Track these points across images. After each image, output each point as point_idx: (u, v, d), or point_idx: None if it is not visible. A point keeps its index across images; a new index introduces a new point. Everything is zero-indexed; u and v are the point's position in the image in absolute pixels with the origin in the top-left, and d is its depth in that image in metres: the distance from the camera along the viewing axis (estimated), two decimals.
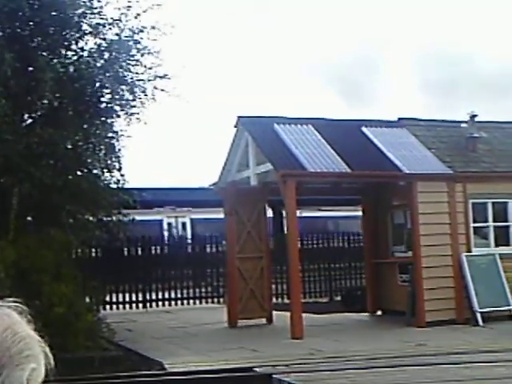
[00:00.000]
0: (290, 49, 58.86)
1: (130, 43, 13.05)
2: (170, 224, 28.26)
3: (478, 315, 13.28)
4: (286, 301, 16.37)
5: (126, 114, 13.57)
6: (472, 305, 13.36)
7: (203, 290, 20.24)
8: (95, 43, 13.10)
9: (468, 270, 13.52)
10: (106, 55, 12.93)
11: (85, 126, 13.02)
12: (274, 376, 8.83)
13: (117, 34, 13.03)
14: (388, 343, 11.40)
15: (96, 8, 12.84)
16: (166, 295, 19.39)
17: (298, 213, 13.54)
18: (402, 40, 54.65)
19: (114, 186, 13.89)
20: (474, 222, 14.10)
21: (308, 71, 60.41)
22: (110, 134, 14.02)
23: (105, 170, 13.80)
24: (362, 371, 8.95)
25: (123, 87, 13.16)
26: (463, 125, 15.25)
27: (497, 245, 14.33)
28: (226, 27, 56.48)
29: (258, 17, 57.96)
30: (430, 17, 54.85)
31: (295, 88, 60.52)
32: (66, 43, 12.95)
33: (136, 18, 13.02)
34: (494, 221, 14.38)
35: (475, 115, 15.05)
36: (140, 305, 18.93)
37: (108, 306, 17.87)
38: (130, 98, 13.29)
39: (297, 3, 56.74)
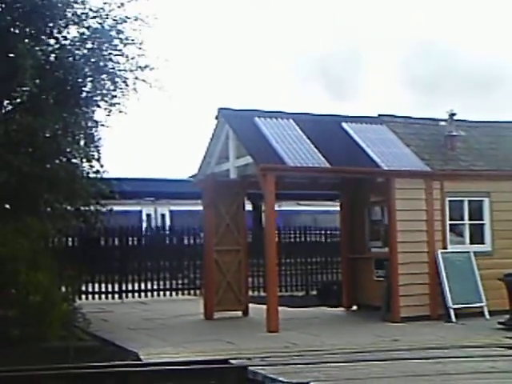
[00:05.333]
0: (274, 41, 58.86)
1: (113, 33, 12.98)
2: (149, 215, 28.26)
3: (452, 311, 13.47)
4: (263, 294, 16.44)
5: (107, 104, 13.52)
6: (446, 301, 13.53)
7: (180, 281, 20.26)
8: (78, 32, 13.02)
9: (443, 267, 13.69)
10: (89, 44, 12.86)
11: (65, 115, 12.91)
12: (250, 368, 8.89)
13: (100, 24, 12.97)
14: (363, 338, 11.51)
15: None
16: (143, 286, 19.39)
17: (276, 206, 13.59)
18: (387, 35, 54.80)
19: (93, 175, 13.83)
20: (451, 219, 14.26)
21: (292, 64, 60.45)
22: (90, 124, 13.95)
23: (84, 160, 13.72)
24: (336, 365, 9.03)
25: (104, 77, 13.10)
26: (442, 123, 15.39)
27: (472, 242, 14.51)
28: (208, 19, 56.32)
29: (242, 8, 57.91)
30: (415, 12, 55.11)
31: (278, 80, 60.58)
32: (47, 31, 12.84)
33: (119, 7, 12.98)
34: (470, 219, 14.55)
35: (454, 114, 15.19)
36: (116, 295, 18.90)
37: (84, 296, 17.84)
38: (111, 88, 13.24)
39: None
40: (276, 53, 57.38)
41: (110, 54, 13.09)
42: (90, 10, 12.94)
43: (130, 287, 19.16)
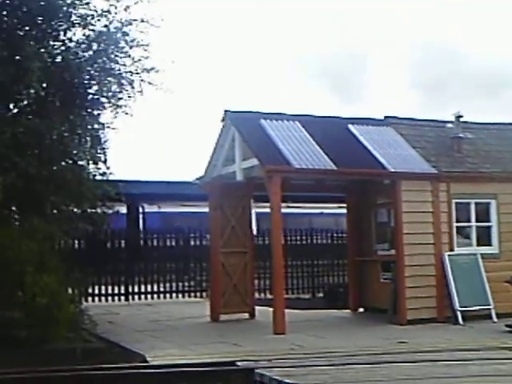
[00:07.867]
0: (281, 43, 58.90)
1: (119, 35, 13.02)
2: None
3: (459, 314, 13.41)
4: (269, 296, 16.42)
5: (113, 106, 13.54)
6: (453, 303, 13.49)
7: (186, 283, 20.26)
8: (83, 34, 13.07)
9: (450, 269, 13.64)
10: (95, 46, 12.90)
11: (71, 117, 12.96)
12: (256, 370, 8.87)
13: (105, 26, 13.01)
14: (369, 340, 11.48)
15: None
16: (149, 288, 19.39)
17: None
18: (394, 37, 54.83)
19: (100, 177, 13.86)
20: (457, 221, 14.22)
21: (299, 66, 60.51)
22: (96, 126, 13.98)
23: (90, 162, 13.77)
24: (342, 367, 9.00)
25: (110, 79, 13.14)
26: (449, 125, 15.35)
27: (479, 244, 14.46)
28: (214, 21, 56.41)
29: (248, 10, 57.96)
30: (422, 14, 54.98)
31: (283, 82, 60.58)
32: (54, 33, 12.88)
33: (125, 10, 13.00)
34: (477, 221, 14.51)
35: (461, 116, 15.16)
36: (122, 297, 18.91)
37: (90, 298, 17.86)
38: (117, 90, 13.27)
39: None
40: (281, 54, 57.48)
41: (116, 56, 13.12)
42: (96, 12, 12.98)
43: (136, 289, 19.17)
